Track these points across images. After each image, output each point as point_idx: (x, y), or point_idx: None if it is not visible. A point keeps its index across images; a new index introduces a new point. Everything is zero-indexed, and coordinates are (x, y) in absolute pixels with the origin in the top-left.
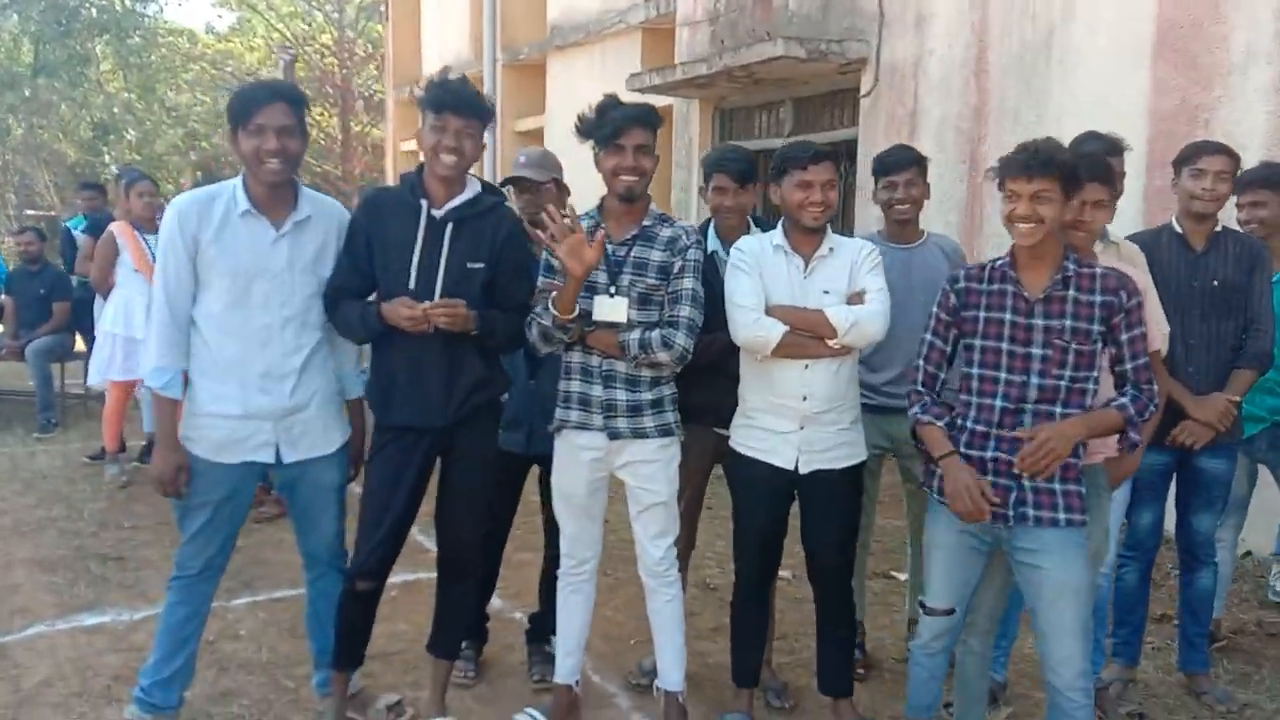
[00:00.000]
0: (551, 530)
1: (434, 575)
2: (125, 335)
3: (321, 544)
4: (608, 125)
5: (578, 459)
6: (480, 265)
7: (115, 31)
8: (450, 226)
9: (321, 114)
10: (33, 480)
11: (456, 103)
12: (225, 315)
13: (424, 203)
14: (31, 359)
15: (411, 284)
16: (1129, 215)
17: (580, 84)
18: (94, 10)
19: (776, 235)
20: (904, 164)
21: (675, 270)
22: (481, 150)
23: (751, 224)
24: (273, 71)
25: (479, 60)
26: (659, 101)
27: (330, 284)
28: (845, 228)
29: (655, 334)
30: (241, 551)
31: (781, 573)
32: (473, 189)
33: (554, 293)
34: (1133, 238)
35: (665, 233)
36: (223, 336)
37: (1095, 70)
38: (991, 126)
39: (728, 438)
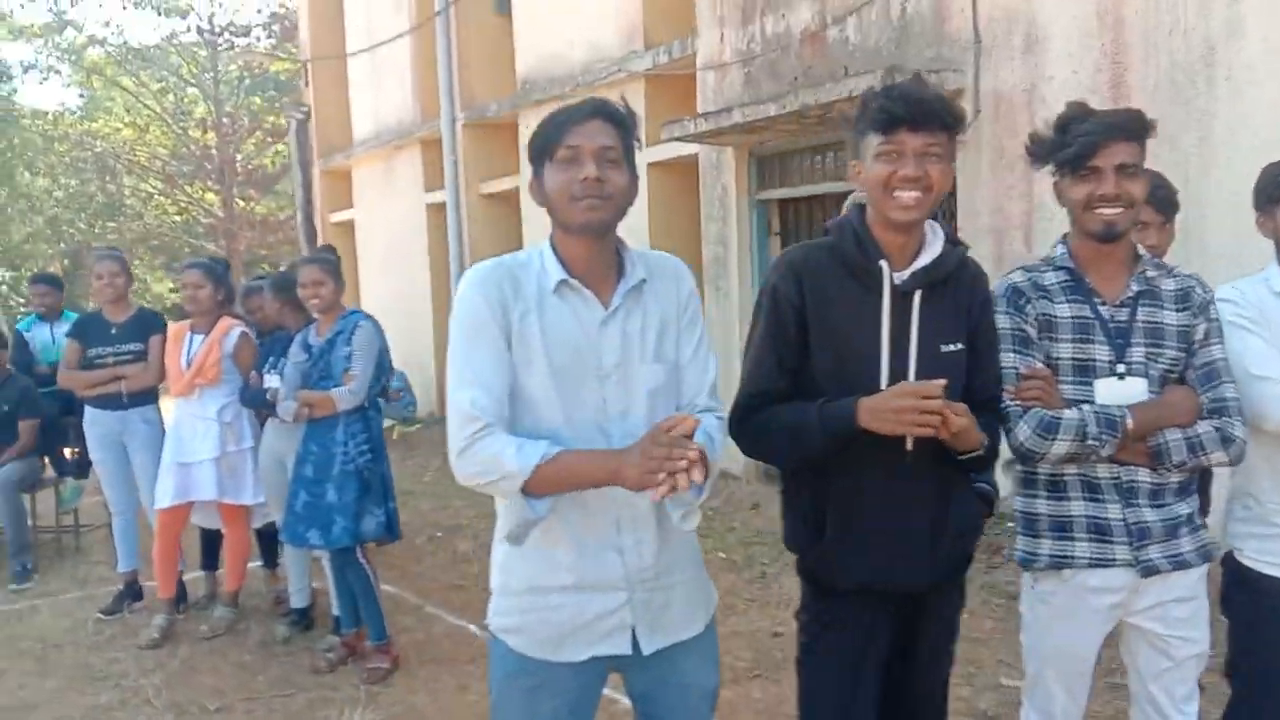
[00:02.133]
0: None
1: None
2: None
3: None
4: (1076, 142)
5: (1087, 607)
6: (957, 347)
7: None
8: (919, 296)
9: (202, 191)
10: (43, 653)
11: (914, 113)
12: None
13: (884, 264)
14: None
15: (884, 381)
16: None
17: None
18: None
19: (1275, 278)
20: None
21: (1200, 336)
22: (951, 179)
23: None
24: (144, 149)
25: (425, 122)
26: (681, 151)
27: (746, 390)
28: None
29: (1206, 427)
30: None
31: None
32: (936, 239)
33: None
34: None
35: (1169, 285)
36: None
37: (1276, 88)
38: None
39: None
